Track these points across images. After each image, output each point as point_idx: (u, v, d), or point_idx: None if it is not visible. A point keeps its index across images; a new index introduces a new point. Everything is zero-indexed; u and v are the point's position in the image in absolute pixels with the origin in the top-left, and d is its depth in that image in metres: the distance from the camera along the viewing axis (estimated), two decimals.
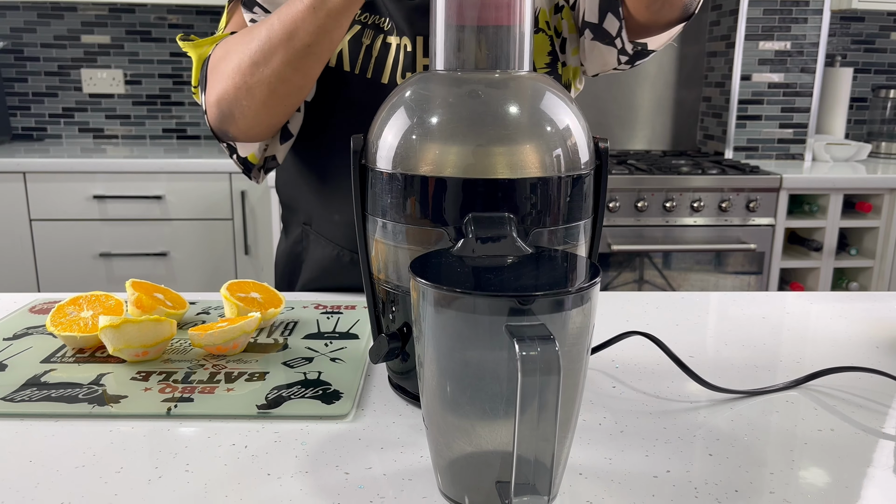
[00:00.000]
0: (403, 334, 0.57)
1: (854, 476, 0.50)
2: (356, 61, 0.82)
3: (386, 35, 0.82)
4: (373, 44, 0.82)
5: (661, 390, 0.63)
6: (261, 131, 0.79)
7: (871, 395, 0.63)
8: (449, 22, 0.52)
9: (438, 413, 0.45)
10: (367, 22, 0.82)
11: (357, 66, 0.82)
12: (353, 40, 0.82)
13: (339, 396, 0.60)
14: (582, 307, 0.42)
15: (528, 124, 0.51)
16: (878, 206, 2.33)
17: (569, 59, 0.87)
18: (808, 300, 0.90)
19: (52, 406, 0.58)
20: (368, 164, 0.55)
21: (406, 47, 0.80)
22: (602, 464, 0.51)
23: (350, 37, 0.82)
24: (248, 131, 0.78)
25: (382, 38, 0.82)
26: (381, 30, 0.82)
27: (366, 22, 0.82)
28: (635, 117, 2.79)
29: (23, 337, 0.72)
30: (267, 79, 0.71)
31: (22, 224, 2.27)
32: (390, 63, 0.81)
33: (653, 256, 2.26)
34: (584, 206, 0.54)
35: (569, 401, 0.44)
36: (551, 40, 0.85)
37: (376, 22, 0.82)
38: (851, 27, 2.80)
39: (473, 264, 0.47)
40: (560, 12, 0.85)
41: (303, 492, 0.47)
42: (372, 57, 0.81)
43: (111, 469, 0.50)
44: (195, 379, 0.63)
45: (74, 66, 2.72)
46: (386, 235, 0.55)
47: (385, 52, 0.81)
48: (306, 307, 0.82)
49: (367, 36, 0.82)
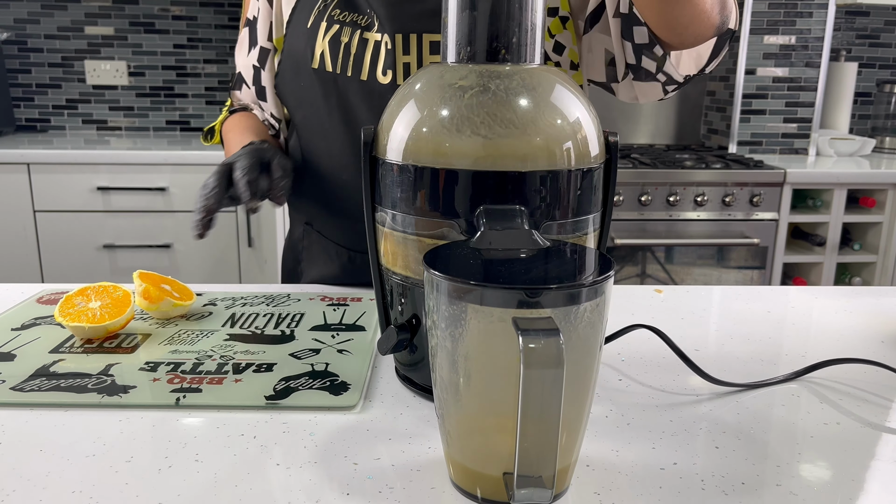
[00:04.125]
0: (412, 326, 0.57)
1: (859, 469, 0.51)
2: (336, 61, 0.82)
3: (363, 31, 0.81)
4: (350, 41, 0.82)
5: (667, 383, 0.64)
6: None
7: (875, 388, 0.63)
8: (460, 14, 0.52)
9: (451, 404, 0.45)
10: (346, 20, 0.82)
11: (338, 66, 0.82)
12: (332, 41, 0.82)
13: (347, 388, 0.60)
14: (595, 300, 0.42)
15: (538, 117, 0.51)
16: (882, 202, 2.33)
17: (564, 62, 0.85)
18: (813, 295, 0.91)
19: (62, 396, 0.58)
20: (378, 156, 0.55)
21: (386, 44, 0.80)
22: (609, 456, 0.52)
23: (329, 37, 0.82)
24: None
25: (360, 35, 0.82)
26: (359, 26, 0.82)
27: (344, 20, 0.82)
28: (639, 111, 2.79)
29: (31, 327, 0.73)
30: None
31: (26, 215, 2.27)
32: (368, 59, 0.81)
33: (656, 251, 2.26)
34: (594, 199, 0.54)
35: (581, 395, 0.44)
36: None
37: (354, 19, 0.82)
38: (856, 22, 2.79)
39: (488, 257, 0.47)
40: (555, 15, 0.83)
41: (312, 482, 0.48)
42: (350, 55, 0.82)
43: (121, 458, 0.50)
44: (203, 370, 0.63)
45: (78, 57, 2.72)
46: (395, 227, 0.55)
47: (362, 48, 0.81)
48: (312, 299, 0.83)
49: (345, 34, 0.82)
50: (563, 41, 0.83)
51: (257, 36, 0.90)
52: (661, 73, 0.79)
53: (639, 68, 0.80)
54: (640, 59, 0.78)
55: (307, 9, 0.84)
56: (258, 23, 0.89)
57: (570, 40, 0.84)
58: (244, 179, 0.74)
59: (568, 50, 0.84)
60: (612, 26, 0.78)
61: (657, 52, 0.77)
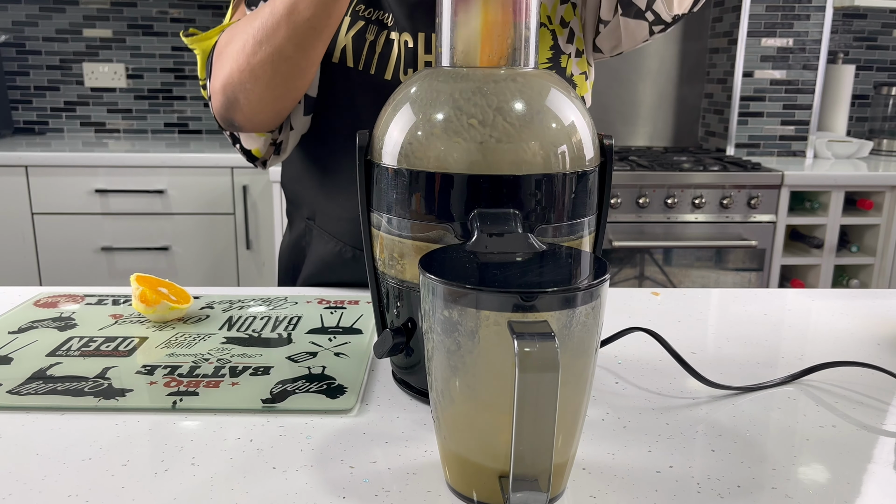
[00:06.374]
0: (408, 329, 0.57)
1: (855, 472, 0.51)
2: (360, 58, 0.82)
3: (389, 31, 0.82)
4: (376, 40, 0.82)
5: (664, 386, 0.64)
6: (265, 118, 0.79)
7: (872, 391, 0.64)
8: (454, 18, 0.52)
9: (446, 407, 0.45)
10: (371, 17, 0.82)
11: (361, 63, 0.82)
12: (356, 36, 0.82)
13: (344, 391, 0.60)
14: (591, 304, 0.42)
15: (533, 121, 0.51)
16: (880, 204, 2.34)
17: (573, 53, 0.86)
18: (810, 297, 0.91)
19: (59, 399, 0.58)
20: (374, 160, 0.55)
21: (407, 43, 0.80)
22: (605, 459, 0.52)
23: (354, 33, 0.82)
24: (253, 118, 0.79)
25: (386, 35, 0.82)
26: (385, 25, 0.82)
27: (369, 17, 0.82)
28: (637, 113, 2.79)
29: (28, 330, 0.73)
30: (269, 57, 0.72)
31: (24, 218, 2.27)
32: (393, 59, 0.81)
33: (654, 253, 2.27)
34: (589, 202, 0.55)
35: (577, 398, 0.44)
36: (554, 34, 0.85)
37: (380, 17, 0.82)
38: (854, 24, 2.80)
39: (484, 260, 0.47)
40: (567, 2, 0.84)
41: (308, 485, 0.48)
42: (375, 53, 0.82)
43: (118, 462, 0.50)
44: (200, 373, 0.63)
45: (76, 59, 2.72)
46: (391, 231, 0.55)
47: (388, 48, 0.82)
48: (310, 302, 0.83)
49: (371, 32, 0.82)
50: (574, 28, 0.84)
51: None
52: (650, 12, 0.79)
53: (630, 3, 0.80)
54: None
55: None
56: None
57: (578, 26, 0.84)
58: None
59: (577, 38, 0.85)
60: None
61: None
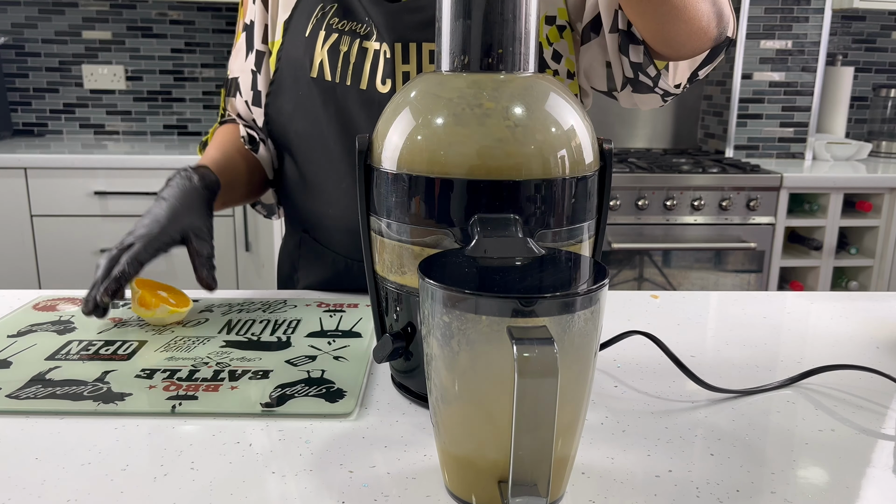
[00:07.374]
0: (407, 334, 0.57)
1: (854, 476, 0.51)
2: (335, 70, 0.82)
3: (362, 40, 0.82)
4: (349, 50, 0.82)
5: (663, 390, 0.64)
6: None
7: (870, 395, 0.64)
8: (454, 22, 0.53)
9: (446, 412, 0.45)
10: (345, 29, 0.82)
11: (337, 75, 0.82)
12: (331, 50, 0.82)
13: (343, 395, 0.60)
14: (590, 309, 0.42)
15: (532, 125, 0.51)
16: (879, 206, 2.34)
17: (562, 71, 0.86)
18: (809, 300, 0.91)
19: (58, 403, 0.58)
20: (373, 164, 0.55)
21: (385, 53, 0.80)
22: (604, 463, 0.52)
23: (328, 46, 0.82)
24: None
25: (359, 44, 0.82)
26: (358, 35, 0.82)
27: (343, 29, 0.82)
28: (636, 115, 2.79)
29: (27, 334, 0.73)
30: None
31: (23, 220, 2.27)
32: (367, 68, 0.81)
33: (653, 255, 2.27)
34: (588, 207, 0.55)
35: (576, 402, 0.44)
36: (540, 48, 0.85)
37: (353, 28, 0.82)
38: (852, 26, 2.80)
39: (483, 265, 0.47)
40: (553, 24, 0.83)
41: (307, 490, 0.48)
42: (350, 63, 0.82)
43: (117, 466, 0.50)
44: (199, 377, 0.63)
45: (75, 61, 2.72)
46: (390, 235, 0.55)
47: (362, 57, 0.81)
48: (309, 305, 0.83)
49: (344, 42, 0.82)
50: (560, 50, 0.83)
51: (254, 40, 0.90)
52: (658, 88, 0.80)
53: (637, 81, 0.80)
54: (637, 74, 0.79)
55: (305, 16, 0.84)
56: (254, 27, 0.90)
57: (568, 49, 0.84)
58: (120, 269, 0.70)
59: (565, 59, 0.84)
60: (609, 41, 0.78)
61: (650, 71, 0.78)
